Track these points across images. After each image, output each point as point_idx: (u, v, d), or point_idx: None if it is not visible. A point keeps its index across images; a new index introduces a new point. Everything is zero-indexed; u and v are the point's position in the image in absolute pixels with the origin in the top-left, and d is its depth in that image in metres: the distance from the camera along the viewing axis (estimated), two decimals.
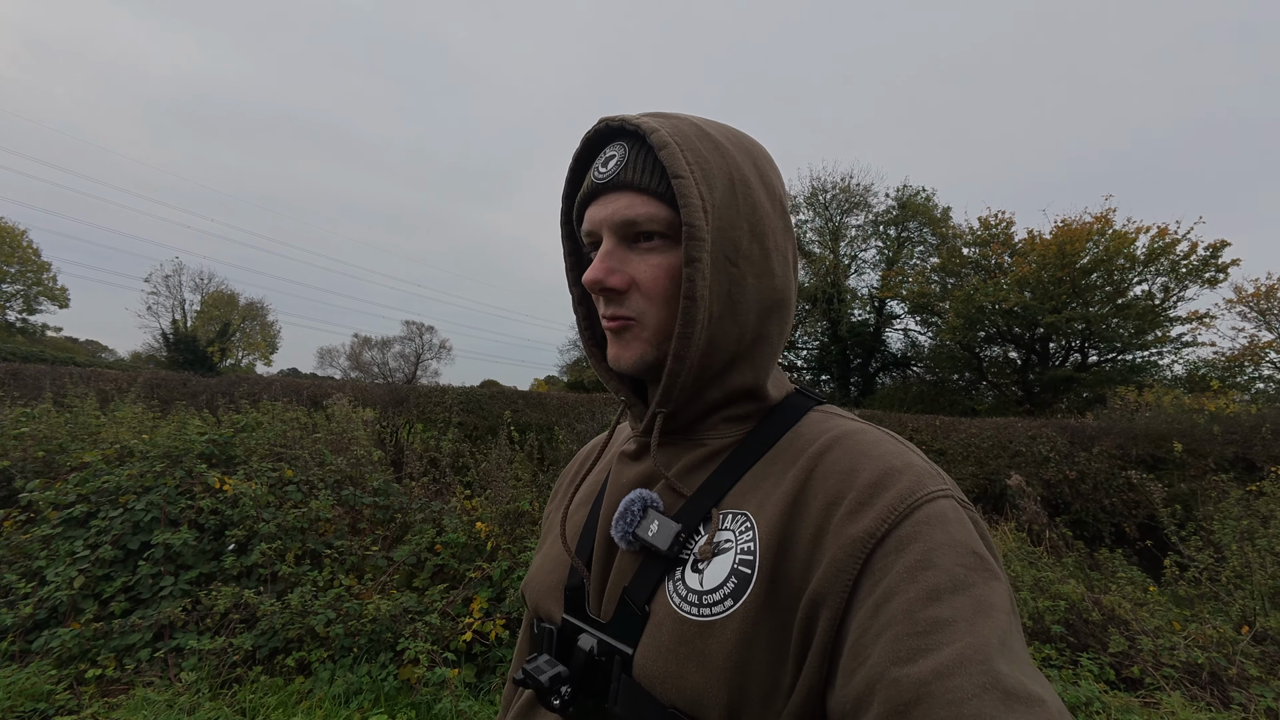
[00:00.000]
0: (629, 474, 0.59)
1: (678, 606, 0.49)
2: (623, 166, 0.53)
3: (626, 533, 0.53)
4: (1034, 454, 8.97)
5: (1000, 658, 0.35)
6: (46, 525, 2.84)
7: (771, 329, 0.56)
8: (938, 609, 0.38)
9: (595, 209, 0.55)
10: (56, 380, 9.21)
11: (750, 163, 0.55)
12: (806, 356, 27.59)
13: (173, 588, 2.66)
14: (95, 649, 2.48)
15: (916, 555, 0.41)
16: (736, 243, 0.52)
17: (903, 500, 0.44)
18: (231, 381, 11.56)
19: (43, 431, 3.56)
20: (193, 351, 29.68)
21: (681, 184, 0.49)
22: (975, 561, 0.41)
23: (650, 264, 0.53)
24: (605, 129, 0.56)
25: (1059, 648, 3.00)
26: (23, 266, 30.25)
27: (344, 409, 4.73)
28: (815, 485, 0.48)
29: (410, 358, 41.29)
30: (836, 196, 24.68)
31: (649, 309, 0.53)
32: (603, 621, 0.54)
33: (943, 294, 19.58)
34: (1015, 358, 19.66)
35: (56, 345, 30.44)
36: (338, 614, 2.55)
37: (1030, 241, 17.13)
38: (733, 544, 0.49)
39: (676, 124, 0.53)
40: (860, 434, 0.52)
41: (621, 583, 0.53)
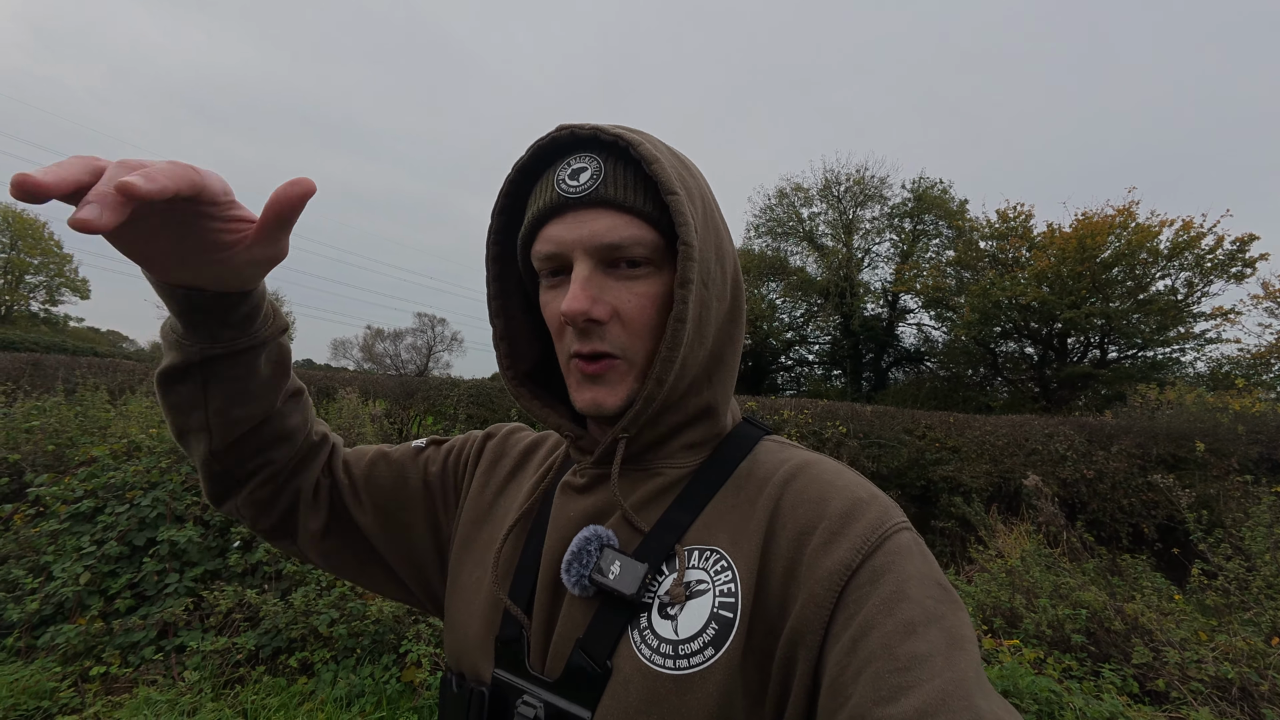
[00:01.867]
0: (575, 508, 0.53)
1: (648, 659, 0.43)
2: (600, 180, 0.47)
3: (582, 577, 0.47)
4: (1050, 452, 8.80)
5: (978, 692, 0.35)
6: (54, 520, 2.84)
7: (727, 351, 0.54)
8: (914, 643, 0.37)
9: (562, 227, 0.48)
10: (75, 371, 9.34)
11: (706, 185, 0.54)
12: (819, 351, 27.38)
13: (177, 585, 2.66)
14: (100, 646, 2.48)
15: (891, 587, 0.40)
16: (709, 265, 0.49)
17: (874, 531, 0.43)
18: None
19: (53, 425, 3.58)
20: None
21: (676, 201, 0.46)
22: (941, 593, 0.41)
23: (635, 293, 0.48)
24: (568, 137, 0.49)
25: (1079, 658, 2.90)
26: (45, 258, 30.82)
27: (353, 403, 4.72)
28: (784, 516, 0.46)
29: (422, 350, 41.57)
30: (850, 189, 24.36)
31: (633, 344, 0.49)
32: (549, 680, 0.47)
33: (958, 288, 19.27)
34: (1032, 354, 19.32)
35: (78, 335, 31.02)
36: (341, 614, 2.53)
37: (1049, 235, 16.77)
38: (709, 585, 0.45)
39: (652, 139, 0.50)
40: (820, 463, 0.51)
41: (573, 634, 0.47)
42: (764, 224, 26.22)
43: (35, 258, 30.51)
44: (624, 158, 0.48)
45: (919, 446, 9.54)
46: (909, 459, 9.07)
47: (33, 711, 2.17)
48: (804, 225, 25.64)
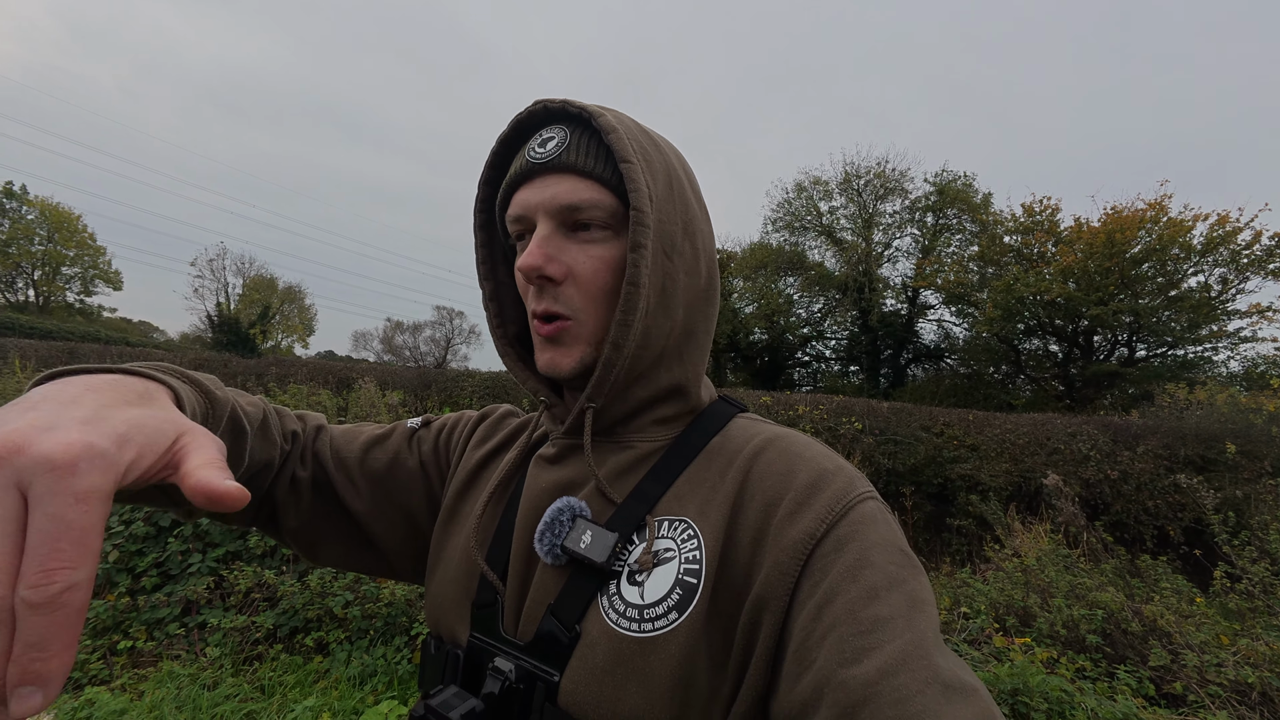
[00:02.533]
0: (547, 479, 0.54)
1: (615, 623, 0.45)
2: (564, 147, 0.49)
3: (554, 546, 0.49)
4: (1073, 452, 8.62)
5: (936, 651, 0.37)
6: None
7: (698, 326, 0.55)
8: (877, 607, 0.38)
9: (529, 192, 0.50)
10: (109, 360, 9.64)
11: (679, 165, 0.55)
12: (835, 346, 27.06)
13: (200, 565, 2.75)
14: (127, 621, 2.58)
15: (855, 555, 0.41)
16: (672, 237, 0.50)
17: (839, 500, 0.45)
18: (266, 363, 11.95)
19: None
20: (236, 333, 30.85)
21: (630, 169, 0.47)
22: (903, 559, 0.42)
23: (590, 255, 0.50)
24: (543, 111, 0.52)
25: (1094, 658, 2.86)
26: (80, 250, 31.84)
27: (369, 393, 4.81)
28: (753, 487, 0.48)
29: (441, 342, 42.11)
30: (871, 182, 23.96)
31: (586, 306, 0.50)
32: (521, 643, 0.49)
33: (981, 284, 18.88)
34: (1056, 351, 18.88)
35: (111, 325, 32.01)
36: (355, 596, 2.60)
37: (1077, 229, 16.34)
38: (675, 553, 0.47)
39: (619, 115, 0.52)
40: (790, 437, 0.52)
41: (545, 600, 0.49)
42: (781, 218, 25.94)
43: (71, 250, 31.53)
44: (590, 129, 0.51)
45: (936, 444, 9.41)
46: (926, 456, 8.94)
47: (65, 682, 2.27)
48: (822, 219, 25.31)
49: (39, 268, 31.00)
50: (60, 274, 31.88)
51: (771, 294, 24.58)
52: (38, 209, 30.37)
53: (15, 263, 29.87)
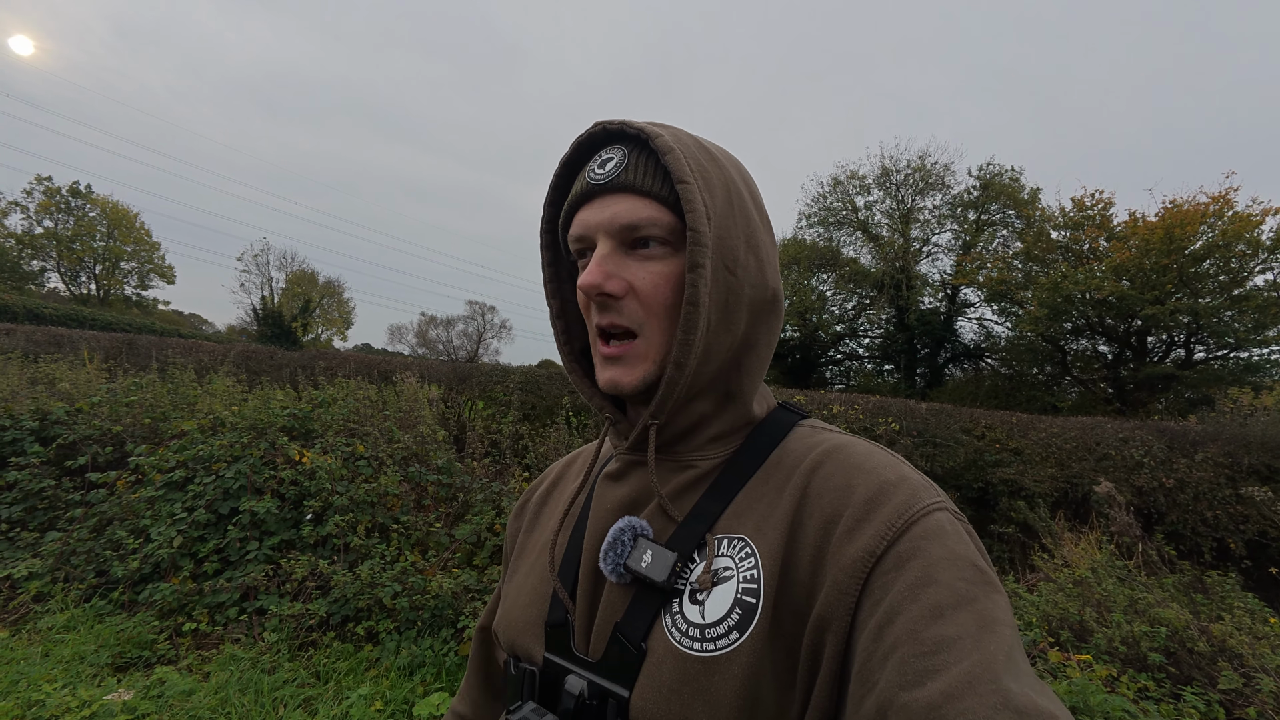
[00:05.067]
0: (612, 497, 0.55)
1: (678, 642, 0.46)
2: (623, 168, 0.50)
3: (617, 564, 0.50)
4: (1125, 458, 8.24)
5: (1008, 674, 0.34)
6: (151, 487, 3.11)
7: (760, 338, 0.55)
8: (942, 627, 0.37)
9: (590, 212, 0.52)
10: (164, 351, 10.14)
11: (740, 177, 0.55)
12: (869, 345, 26.47)
13: (257, 552, 2.86)
14: (191, 604, 2.71)
15: (917, 572, 0.40)
16: (734, 251, 0.51)
17: (899, 515, 0.43)
18: (311, 356, 12.34)
19: (149, 400, 3.90)
20: (279, 326, 32.03)
21: (686, 189, 0.48)
22: (975, 575, 0.40)
23: (650, 271, 0.50)
24: (601, 133, 0.53)
25: (1158, 678, 2.72)
26: (137, 246, 33.52)
27: (411, 387, 4.92)
28: (811, 504, 0.47)
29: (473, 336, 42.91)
30: (910, 176, 23.28)
31: (649, 321, 0.51)
32: (592, 660, 0.50)
33: (1025, 282, 18.16)
34: (1105, 352, 18.05)
35: (165, 318, 33.63)
36: (404, 588, 2.66)
37: (1132, 224, 15.53)
38: (734, 572, 0.47)
39: (676, 133, 0.52)
40: (850, 447, 0.51)
41: (612, 618, 0.50)
42: (816, 213, 25.44)
43: (129, 245, 33.22)
44: (649, 149, 0.51)
45: (977, 447, 9.12)
46: (966, 459, 8.67)
47: (135, 659, 2.40)
48: (859, 214, 24.73)
49: (100, 263, 32.79)
50: (119, 269, 33.65)
51: (804, 291, 24.17)
52: (99, 207, 32.09)
53: (79, 258, 31.67)
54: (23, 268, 29.87)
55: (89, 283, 32.98)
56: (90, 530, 3.02)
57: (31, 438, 3.51)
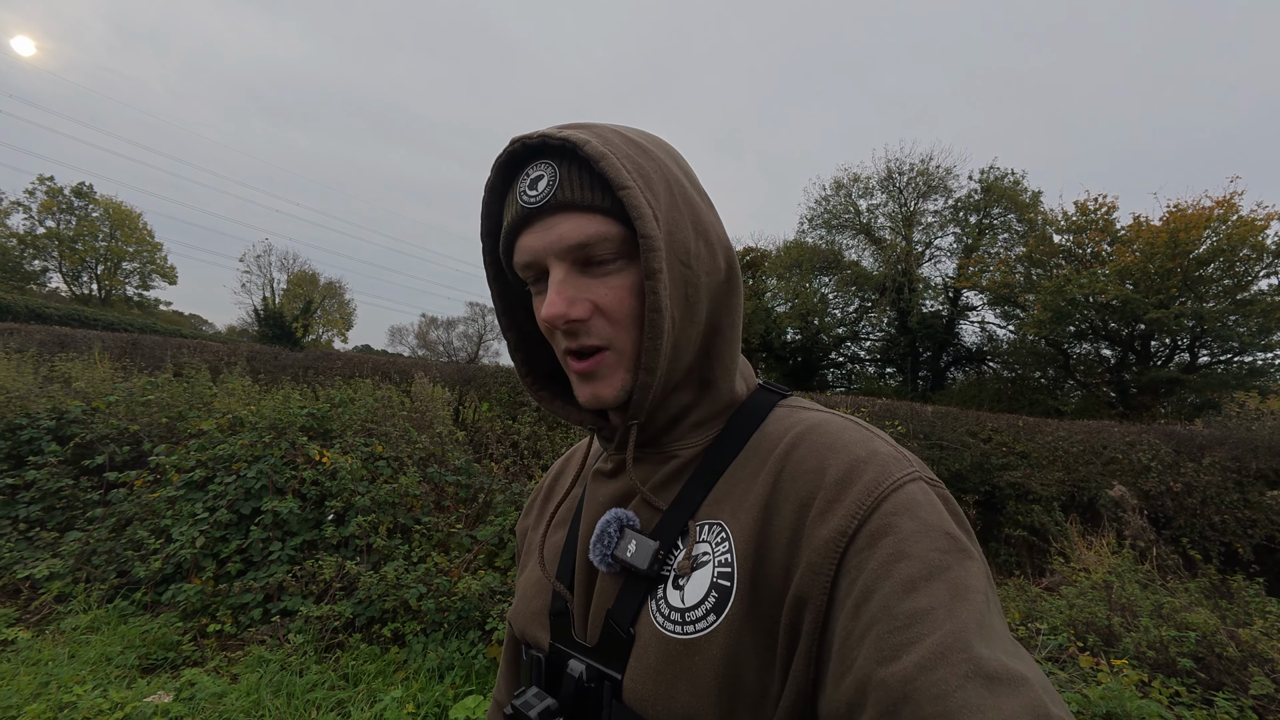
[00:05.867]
0: (604, 492, 0.58)
1: (662, 626, 0.48)
2: (556, 185, 0.48)
3: (605, 555, 0.52)
4: (1132, 462, 8.23)
5: (980, 641, 0.35)
6: (171, 487, 3.08)
7: (722, 320, 0.54)
8: (915, 600, 0.37)
9: (532, 237, 0.49)
10: (171, 351, 10.11)
11: (674, 163, 0.54)
12: (870, 348, 26.45)
13: (280, 553, 2.84)
14: (214, 605, 2.68)
15: (889, 549, 0.40)
16: (685, 244, 0.50)
17: (870, 493, 0.43)
18: (316, 357, 12.33)
19: (165, 399, 3.88)
20: (280, 327, 31.96)
21: (629, 194, 0.46)
22: (949, 544, 0.40)
23: (611, 287, 0.49)
24: (521, 149, 0.50)
25: (1188, 684, 2.70)
26: (139, 246, 33.47)
27: (425, 388, 4.90)
28: (785, 487, 0.48)
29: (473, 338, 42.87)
30: (914, 180, 23.31)
31: (618, 334, 0.50)
32: (589, 646, 0.53)
33: (1028, 285, 18.18)
34: (1109, 356, 18.07)
35: (166, 318, 33.57)
36: (429, 589, 2.64)
37: (1136, 228, 15.57)
38: (710, 556, 0.48)
39: (602, 133, 0.50)
40: (824, 425, 0.51)
41: (605, 605, 0.52)
42: (819, 216, 25.46)
43: (131, 245, 33.17)
44: (576, 158, 0.49)
45: (984, 450, 9.11)
46: (972, 463, 8.66)
47: (161, 660, 2.37)
48: (861, 217, 24.75)
49: (101, 263, 32.73)
50: (121, 269, 33.59)
51: (806, 293, 24.16)
52: (102, 207, 32.05)
53: (81, 258, 31.60)
54: (24, 267, 29.81)
55: (90, 283, 32.92)
56: (110, 530, 3.00)
57: (49, 436, 3.48)
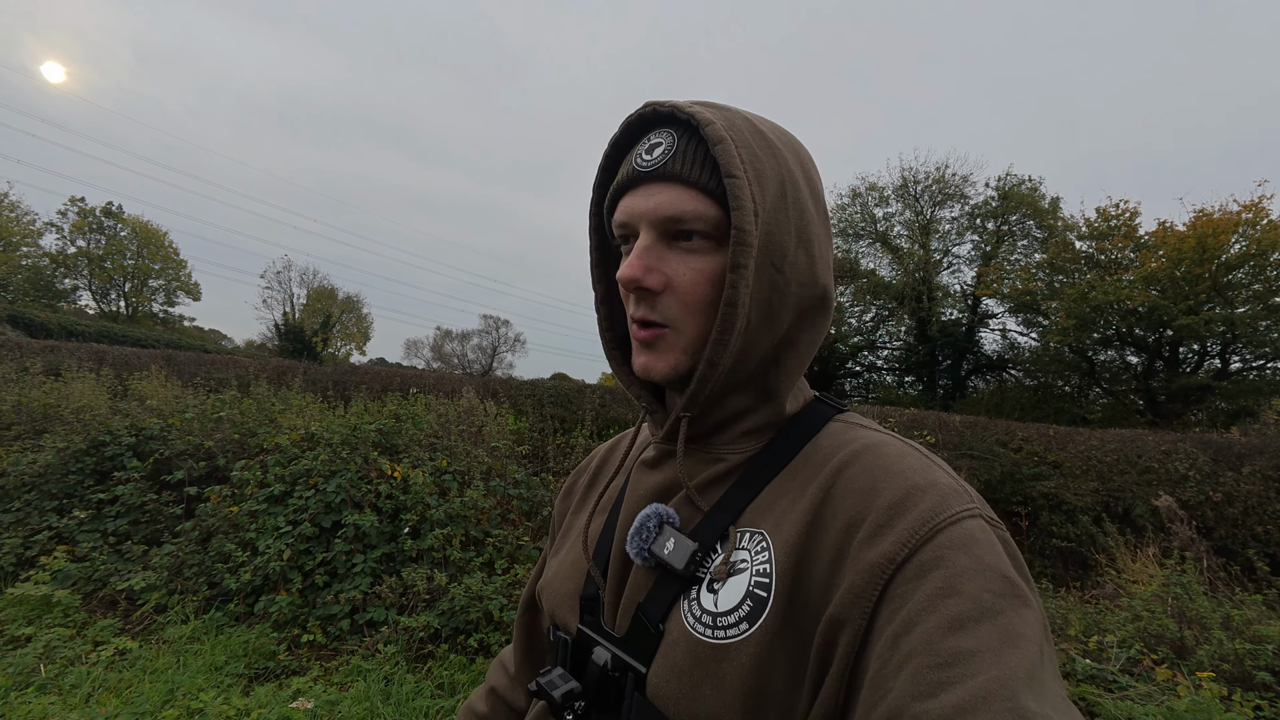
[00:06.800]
0: (646, 484, 0.58)
1: (692, 627, 0.47)
2: (670, 155, 0.49)
3: (642, 549, 0.52)
4: (1169, 471, 8.11)
5: (1027, 692, 0.33)
6: (253, 501, 3.19)
7: (803, 335, 0.54)
8: (961, 639, 0.35)
9: (634, 199, 0.51)
10: (203, 366, 10.36)
11: (799, 165, 0.53)
12: (888, 357, 26.32)
13: (362, 565, 2.92)
14: (304, 616, 2.77)
15: (939, 582, 0.38)
16: (784, 248, 0.49)
17: (925, 523, 0.41)
18: (344, 370, 12.55)
19: (236, 416, 4.01)
20: (299, 341, 32.50)
21: (735, 184, 0.46)
22: (1004, 587, 0.38)
23: (691, 267, 0.49)
24: (652, 114, 0.52)
25: (1267, 697, 2.68)
26: (165, 264, 34.31)
27: (474, 402, 5.00)
28: (834, 505, 0.46)
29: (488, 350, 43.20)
30: (929, 188, 23.30)
31: (685, 316, 0.50)
32: (617, 635, 0.53)
33: (1050, 292, 18.03)
34: (1135, 363, 17.81)
35: (189, 334, 34.22)
36: (509, 600, 2.70)
37: (1161, 234, 15.42)
38: (748, 564, 0.47)
39: (730, 118, 0.50)
40: (882, 447, 0.49)
41: (636, 597, 0.52)
42: (834, 225, 25.41)
43: (156, 263, 34.01)
44: (698, 135, 0.49)
45: (1014, 460, 9.02)
46: (1003, 473, 8.59)
47: (262, 670, 2.46)
48: (877, 226, 24.75)
49: (129, 280, 33.56)
50: (147, 286, 34.41)
51: None
52: (130, 226, 32.94)
53: (110, 276, 32.45)
54: (56, 286, 30.66)
55: (118, 300, 33.76)
56: (196, 543, 3.11)
57: (130, 453, 3.62)
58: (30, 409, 4.12)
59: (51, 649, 2.41)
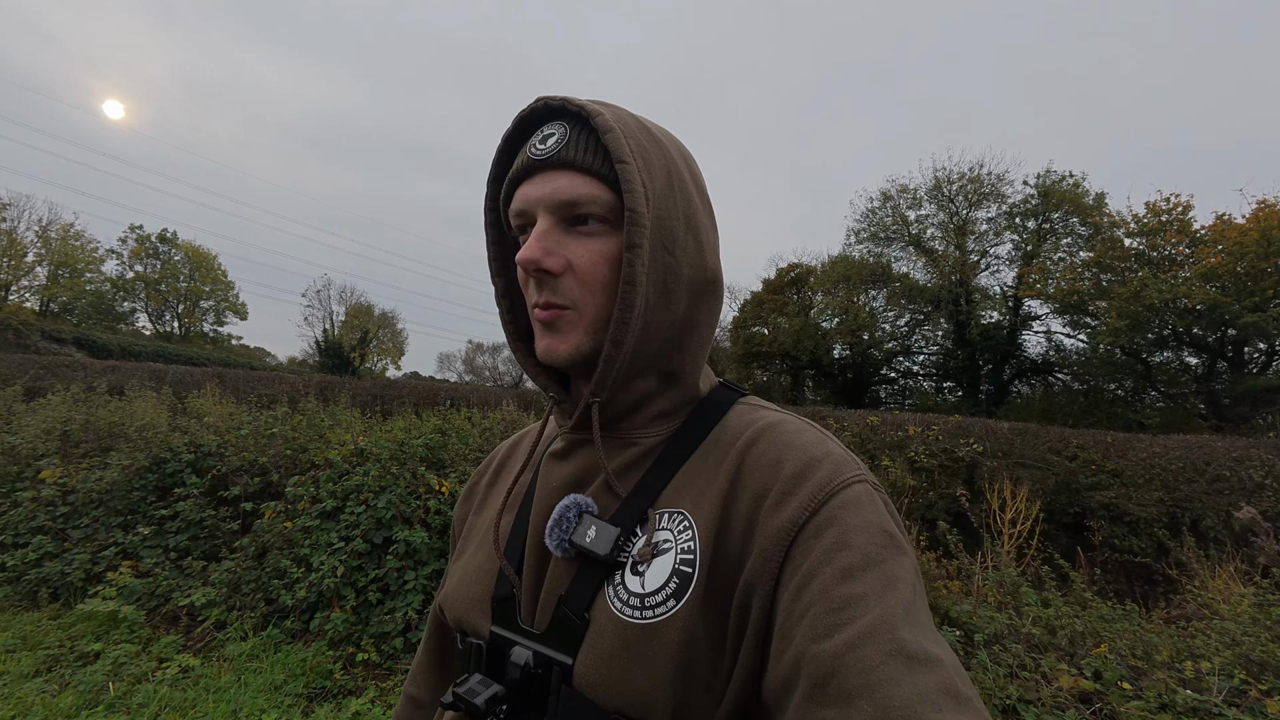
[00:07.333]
0: (558, 475, 0.57)
1: (619, 611, 0.48)
2: (563, 144, 0.51)
3: (562, 540, 0.52)
4: (1242, 480, 7.61)
5: (904, 626, 0.38)
6: (306, 517, 3.23)
7: (700, 317, 0.56)
8: (850, 586, 0.40)
9: (530, 187, 0.52)
10: (253, 383, 10.74)
11: (682, 159, 0.56)
12: (924, 362, 25.58)
13: (414, 582, 2.91)
14: (358, 633, 2.77)
15: (833, 538, 0.43)
16: (674, 232, 0.52)
17: (821, 488, 0.46)
18: (383, 385, 12.85)
19: (287, 432, 4.10)
20: (338, 356, 33.53)
21: (625, 169, 0.49)
22: (884, 540, 0.44)
23: (589, 249, 0.51)
24: (543, 108, 0.54)
25: None
26: (215, 285, 36.02)
27: (515, 414, 5.01)
28: (744, 479, 0.50)
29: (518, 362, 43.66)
30: (964, 188, 22.70)
31: (585, 297, 0.52)
32: (537, 632, 0.52)
33: (1098, 291, 17.27)
34: (1195, 364, 16.88)
35: (237, 352, 35.71)
36: None
37: (1219, 227, 14.63)
38: (672, 544, 0.49)
39: (618, 112, 0.53)
40: (783, 424, 0.53)
41: (557, 591, 0.52)
42: (866, 229, 25.02)
43: (207, 285, 35.73)
44: (589, 126, 0.52)
45: (1069, 468, 8.60)
46: (1058, 483, 8.18)
47: (319, 690, 2.46)
48: (910, 229, 24.20)
49: (182, 302, 35.32)
50: (199, 307, 36.14)
51: (855, 308, 23.66)
52: (183, 251, 34.74)
53: (164, 298, 34.21)
54: (116, 309, 32.46)
55: (172, 320, 35.54)
56: (252, 559, 3.15)
57: (189, 469, 3.72)
58: (97, 427, 4.29)
59: (119, 666, 2.45)
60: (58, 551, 3.33)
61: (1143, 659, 2.81)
